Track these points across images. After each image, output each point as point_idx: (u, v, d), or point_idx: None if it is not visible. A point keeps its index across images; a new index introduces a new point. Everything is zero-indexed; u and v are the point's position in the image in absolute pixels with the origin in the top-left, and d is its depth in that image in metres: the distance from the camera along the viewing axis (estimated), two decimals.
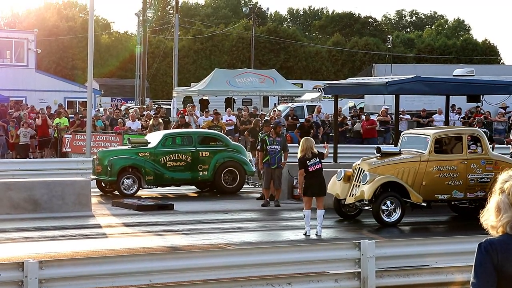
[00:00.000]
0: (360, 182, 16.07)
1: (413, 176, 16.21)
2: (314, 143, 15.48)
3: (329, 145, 17.78)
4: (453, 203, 17.03)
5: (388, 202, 15.90)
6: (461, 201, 16.81)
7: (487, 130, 24.18)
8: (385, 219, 15.85)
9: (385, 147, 18.17)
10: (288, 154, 19.36)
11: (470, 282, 3.76)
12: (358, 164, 16.50)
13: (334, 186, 16.62)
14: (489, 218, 3.82)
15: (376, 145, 19.32)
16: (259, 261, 9.66)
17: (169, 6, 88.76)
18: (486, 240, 3.78)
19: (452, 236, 14.46)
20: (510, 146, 24.43)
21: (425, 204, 16.21)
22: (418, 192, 16.13)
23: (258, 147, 19.38)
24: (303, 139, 15.56)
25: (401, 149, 16.81)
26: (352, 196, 16.14)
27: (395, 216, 15.89)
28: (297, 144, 27.65)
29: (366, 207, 16.26)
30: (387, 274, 10.01)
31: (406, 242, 10.93)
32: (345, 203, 16.44)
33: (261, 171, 19.82)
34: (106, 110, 38.20)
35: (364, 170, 16.15)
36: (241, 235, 15.06)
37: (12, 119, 29.41)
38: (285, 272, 9.67)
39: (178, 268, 9.29)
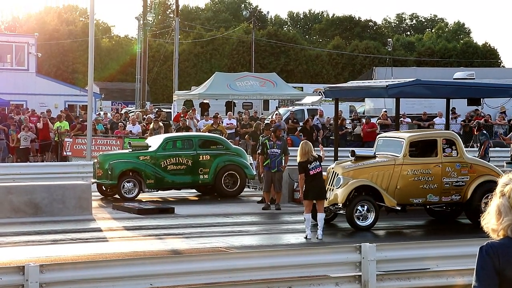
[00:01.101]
0: (333, 186, 15.91)
1: (387, 179, 16.04)
2: (313, 146, 15.45)
3: (328, 148, 17.75)
4: (428, 206, 16.87)
5: (361, 206, 15.74)
6: (436, 205, 16.65)
7: (487, 133, 24.14)
8: (359, 223, 15.67)
9: (359, 151, 17.98)
10: (289, 158, 19.35)
11: (472, 286, 3.76)
12: (332, 168, 16.34)
13: None
14: (490, 221, 3.82)
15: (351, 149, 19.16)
16: (260, 265, 9.66)
17: (169, 10, 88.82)
18: (487, 243, 3.78)
19: (451, 239, 14.47)
20: (510, 148, 24.38)
21: (399, 208, 16.04)
22: (392, 196, 15.96)
23: (259, 151, 19.39)
24: (302, 142, 15.52)
25: (377, 153, 16.65)
26: (326, 200, 15.93)
27: (369, 220, 15.71)
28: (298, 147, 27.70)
29: (341, 211, 16.08)
30: (388, 278, 10.01)
31: (406, 245, 10.93)
32: None
33: (262, 175, 19.82)
34: (107, 113, 38.22)
35: (338, 174, 16.00)
36: (241, 239, 15.05)
37: (13, 123, 29.41)
38: (286, 276, 9.67)
39: (179, 272, 9.29)
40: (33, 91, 40.21)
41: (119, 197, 20.42)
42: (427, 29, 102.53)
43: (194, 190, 22.11)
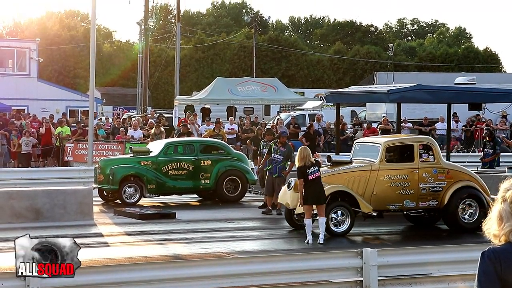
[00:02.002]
0: None
1: (363, 185, 15.83)
2: (310, 152, 15.42)
3: (330, 153, 17.68)
4: (405, 212, 16.62)
5: (337, 212, 15.56)
6: (413, 211, 16.40)
7: (499, 140, 24.08)
8: (334, 229, 15.45)
9: (336, 156, 17.81)
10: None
11: None
12: None
13: (285, 196, 16.34)
14: (492, 227, 3.82)
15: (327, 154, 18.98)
16: (261, 270, 9.66)
17: (170, 15, 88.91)
18: (489, 248, 3.78)
19: (453, 244, 14.45)
20: None
21: (375, 214, 15.80)
22: (369, 201, 15.74)
23: (264, 151, 19.50)
24: (300, 148, 15.48)
25: (353, 158, 16.46)
26: (301, 205, 15.71)
27: (344, 226, 15.51)
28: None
29: (316, 217, 15.77)
30: (389, 283, 10.00)
31: (408, 250, 10.92)
32: (295, 213, 16.06)
33: (263, 170, 19.77)
34: (109, 118, 38.24)
35: None
36: (243, 244, 15.04)
37: (14, 128, 29.45)
38: (287, 281, 9.67)
39: (180, 277, 9.29)
40: (35, 96, 40.27)
41: (120, 202, 20.42)
42: (428, 34, 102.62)
43: (195, 195, 22.12)
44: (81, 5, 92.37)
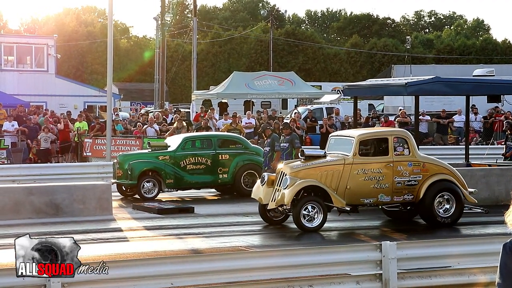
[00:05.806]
0: (281, 187, 15.56)
1: (337, 179, 15.53)
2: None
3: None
4: (380, 207, 16.30)
5: (309, 207, 15.27)
6: (389, 205, 16.10)
7: None
8: (306, 224, 15.21)
9: (309, 150, 17.44)
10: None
11: (496, 283, 3.75)
12: (281, 168, 15.93)
13: (258, 191, 16.19)
14: None
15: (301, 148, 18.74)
16: (280, 264, 9.66)
17: (187, 10, 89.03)
18: (510, 240, 3.76)
19: (473, 237, 14.38)
20: None
21: (348, 209, 15.50)
22: (343, 196, 15.45)
23: (284, 146, 19.79)
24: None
25: (328, 152, 16.14)
26: (274, 200, 15.64)
27: (317, 221, 15.25)
28: (318, 147, 27.63)
29: (290, 212, 15.68)
30: (409, 276, 9.97)
31: (427, 243, 10.87)
32: (268, 208, 15.95)
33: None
34: (135, 113, 38.37)
35: (285, 174, 15.57)
36: (261, 238, 15.05)
37: (31, 124, 29.56)
38: (306, 274, 9.66)
39: (200, 271, 9.31)
40: (53, 92, 40.48)
41: (139, 197, 20.50)
42: (446, 26, 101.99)
43: (213, 190, 22.15)
44: (98, 1, 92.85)
